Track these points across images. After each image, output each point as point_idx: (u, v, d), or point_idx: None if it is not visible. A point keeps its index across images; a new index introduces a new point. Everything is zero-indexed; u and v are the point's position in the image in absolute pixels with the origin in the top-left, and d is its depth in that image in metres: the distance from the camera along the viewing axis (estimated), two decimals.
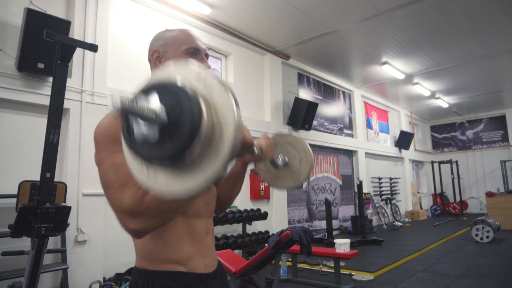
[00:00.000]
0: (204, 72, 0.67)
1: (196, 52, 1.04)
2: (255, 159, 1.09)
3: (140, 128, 0.62)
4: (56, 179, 2.54)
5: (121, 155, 0.82)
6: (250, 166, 1.18)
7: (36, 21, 3.24)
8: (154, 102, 0.61)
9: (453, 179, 12.25)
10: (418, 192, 12.63)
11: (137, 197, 0.77)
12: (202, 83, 0.66)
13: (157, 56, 1.04)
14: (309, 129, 7.21)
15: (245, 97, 6.29)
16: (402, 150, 11.66)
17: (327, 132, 8.36)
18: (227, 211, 5.17)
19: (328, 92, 8.70)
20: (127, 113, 0.61)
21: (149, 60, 1.08)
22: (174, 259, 0.92)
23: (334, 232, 7.42)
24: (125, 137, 0.65)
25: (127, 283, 3.49)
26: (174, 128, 0.59)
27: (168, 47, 1.04)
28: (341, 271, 4.17)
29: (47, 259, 3.40)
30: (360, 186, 7.40)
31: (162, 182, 0.65)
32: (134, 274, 0.96)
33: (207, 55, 1.08)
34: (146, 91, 0.63)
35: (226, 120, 0.63)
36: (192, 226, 0.96)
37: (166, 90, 0.62)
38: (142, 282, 0.91)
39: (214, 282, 0.99)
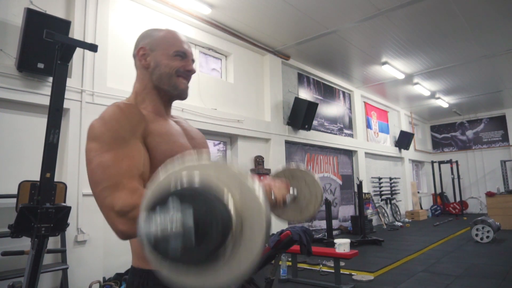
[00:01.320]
0: (240, 173, 0.62)
1: (183, 56, 1.05)
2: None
3: (166, 239, 0.58)
4: (56, 179, 2.53)
5: (109, 154, 0.83)
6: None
7: (36, 21, 3.24)
8: (181, 213, 0.57)
9: (453, 179, 12.25)
10: (418, 192, 12.63)
11: (132, 202, 0.78)
12: (236, 186, 0.61)
13: (143, 54, 1.05)
14: (309, 129, 7.21)
15: (245, 97, 6.29)
16: (402, 150, 11.65)
17: (327, 132, 8.36)
18: None
19: (328, 92, 8.70)
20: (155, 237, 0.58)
21: (134, 56, 1.09)
22: None
23: (334, 232, 7.42)
24: (150, 246, 0.60)
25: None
26: (202, 239, 0.56)
27: (156, 47, 1.04)
28: (341, 271, 4.17)
29: (47, 259, 3.40)
30: (360, 186, 7.40)
31: (195, 280, 0.61)
32: (130, 273, 0.96)
33: (193, 60, 1.09)
34: (177, 197, 0.58)
35: (254, 215, 0.60)
36: None
37: (196, 198, 0.58)
38: (137, 281, 0.92)
39: None
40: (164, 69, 1.03)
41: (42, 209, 2.22)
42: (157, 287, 0.89)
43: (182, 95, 1.08)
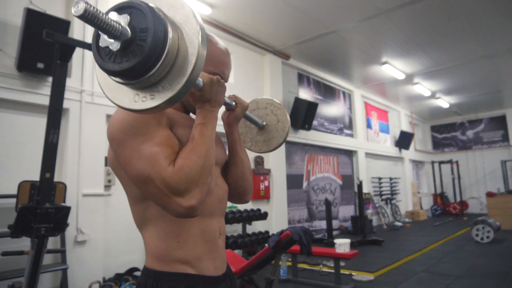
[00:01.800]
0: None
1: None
2: (235, 114, 1.11)
3: (106, 43, 0.65)
4: (55, 179, 2.53)
5: (146, 145, 0.81)
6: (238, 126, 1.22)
7: (35, 21, 3.24)
8: (122, 18, 0.65)
9: (453, 179, 12.24)
10: (418, 192, 12.62)
11: (176, 170, 0.77)
12: (171, 6, 0.70)
13: None
14: (309, 129, 7.21)
15: (245, 97, 6.22)
16: (402, 150, 11.65)
17: (327, 132, 8.36)
18: (227, 211, 5.17)
19: (328, 92, 8.70)
20: (89, 21, 0.61)
21: None
22: (184, 259, 0.89)
23: (334, 232, 7.41)
24: (93, 52, 0.68)
25: (127, 283, 3.49)
26: (138, 46, 0.63)
27: None
28: (341, 271, 4.17)
29: (47, 259, 3.39)
30: (360, 186, 7.40)
31: (141, 103, 0.69)
32: (143, 274, 0.93)
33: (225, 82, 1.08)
34: (117, 8, 0.67)
35: (191, 43, 0.68)
36: (206, 226, 0.94)
37: (134, 8, 0.66)
38: (150, 283, 0.89)
39: (224, 285, 0.97)
40: None
41: (41, 209, 2.22)
42: None
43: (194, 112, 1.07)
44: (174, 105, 1.00)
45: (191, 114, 1.09)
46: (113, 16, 0.65)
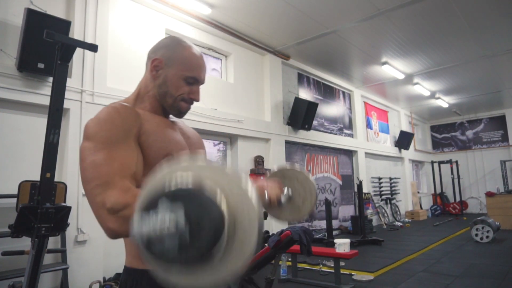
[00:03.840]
0: (233, 176, 0.64)
1: (194, 83, 1.05)
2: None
3: (160, 239, 0.58)
4: (56, 179, 2.54)
5: (102, 153, 0.84)
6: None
7: (36, 21, 3.24)
8: (174, 213, 0.58)
9: (453, 179, 12.25)
10: (418, 192, 12.63)
11: (124, 201, 0.78)
12: (229, 188, 0.62)
13: (156, 65, 1.03)
14: (309, 129, 7.21)
15: (245, 97, 6.29)
16: (402, 150, 11.65)
17: (327, 132, 8.36)
18: None
19: (328, 92, 8.70)
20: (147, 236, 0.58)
21: (148, 58, 1.06)
22: None
23: (334, 232, 7.42)
24: (144, 247, 0.61)
25: None
26: (195, 238, 0.57)
27: (172, 64, 1.02)
28: (341, 271, 4.17)
29: (47, 259, 3.40)
30: (360, 186, 7.40)
31: (189, 279, 0.62)
32: (124, 273, 0.96)
33: (202, 83, 1.09)
34: (169, 197, 0.59)
35: (247, 216, 0.61)
36: None
37: (189, 199, 0.59)
38: (131, 281, 0.92)
39: None
40: (170, 90, 1.02)
41: (42, 209, 2.22)
42: (150, 287, 0.89)
43: (179, 116, 1.09)
44: (152, 106, 1.04)
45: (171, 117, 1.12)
46: (166, 208, 0.58)
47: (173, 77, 1.02)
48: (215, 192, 0.60)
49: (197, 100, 1.08)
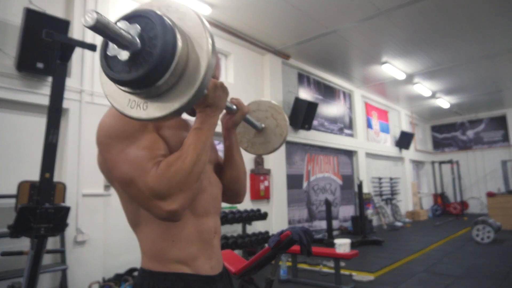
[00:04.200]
0: (182, 4, 0.71)
1: None
2: (234, 119, 1.11)
3: (115, 52, 0.64)
4: (55, 179, 2.53)
5: (131, 149, 0.82)
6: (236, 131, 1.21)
7: (35, 21, 3.24)
8: (131, 28, 0.64)
9: (453, 179, 12.24)
10: (419, 192, 12.62)
11: (159, 173, 0.77)
12: (179, 14, 0.69)
13: None
14: (309, 129, 7.20)
15: (245, 97, 6.24)
16: (403, 150, 11.64)
17: (327, 132, 8.35)
18: (226, 211, 5.17)
19: (328, 92, 8.69)
20: (100, 31, 0.60)
21: None
22: (180, 259, 0.89)
23: (334, 232, 7.41)
24: (101, 61, 0.67)
25: (127, 283, 3.49)
26: (147, 55, 0.62)
27: None
28: (341, 272, 4.17)
29: (47, 259, 3.39)
30: (360, 186, 7.39)
31: (145, 112, 0.69)
32: (140, 275, 0.93)
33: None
34: (126, 18, 0.66)
35: (201, 51, 0.67)
36: (201, 225, 0.94)
37: (144, 17, 0.65)
38: (147, 284, 0.89)
39: (220, 284, 0.97)
40: None
41: (41, 209, 2.22)
42: None
43: (192, 115, 1.06)
44: None
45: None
46: (123, 25, 0.64)
47: None
48: (174, 24, 0.66)
49: None
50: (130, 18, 0.66)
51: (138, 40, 0.63)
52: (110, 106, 0.92)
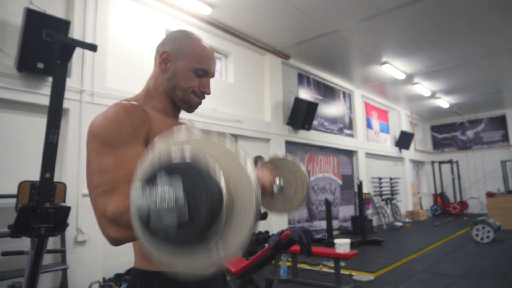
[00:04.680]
0: (224, 145, 0.62)
1: (204, 75, 1.02)
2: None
3: (158, 214, 0.57)
4: (55, 179, 2.53)
5: (109, 158, 0.82)
6: None
7: (35, 21, 3.24)
8: (173, 187, 0.56)
9: (453, 179, 12.24)
10: (419, 192, 12.62)
11: (123, 207, 0.76)
12: (227, 162, 0.61)
13: (164, 58, 1.00)
14: (309, 129, 7.21)
15: (245, 97, 6.29)
16: (403, 150, 11.65)
17: (327, 132, 8.36)
18: None
19: (328, 92, 8.70)
20: (146, 210, 0.57)
21: (156, 51, 1.03)
22: None
23: (334, 232, 7.41)
24: (142, 223, 0.59)
25: (127, 283, 3.49)
26: (194, 215, 0.55)
27: (181, 57, 0.99)
28: (341, 271, 4.17)
29: (47, 259, 3.39)
30: (360, 186, 7.39)
31: (187, 260, 0.60)
32: (133, 275, 0.94)
33: (213, 76, 1.06)
34: (168, 171, 0.58)
35: (245, 196, 0.59)
36: None
37: (188, 173, 0.57)
38: (140, 283, 0.89)
39: (214, 284, 0.97)
40: (180, 82, 1.00)
41: (41, 209, 2.22)
42: None
43: (190, 111, 1.06)
44: (162, 104, 1.02)
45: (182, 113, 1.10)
46: (164, 182, 0.56)
47: (183, 70, 0.99)
48: (213, 166, 0.58)
49: (208, 93, 1.05)
50: (171, 169, 0.57)
51: (186, 209, 0.55)
52: (111, 105, 0.91)
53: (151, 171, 0.59)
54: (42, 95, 3.54)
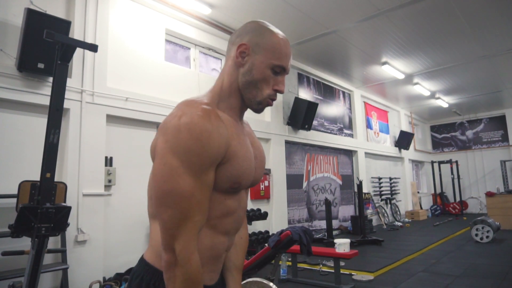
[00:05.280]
0: None
1: (281, 72, 0.95)
2: None
3: None
4: (56, 179, 2.54)
5: (185, 183, 0.79)
6: None
7: (36, 21, 3.24)
8: None
9: (453, 179, 12.25)
10: (418, 192, 12.63)
11: (187, 256, 0.79)
12: None
13: (242, 51, 0.93)
14: (309, 129, 7.21)
15: None
16: (402, 150, 11.66)
17: (327, 132, 8.36)
18: None
19: (328, 92, 8.70)
20: None
21: (230, 48, 0.97)
22: None
23: (334, 232, 7.42)
24: None
25: (127, 283, 3.49)
26: None
27: (260, 51, 0.92)
28: (341, 271, 4.18)
29: (47, 259, 3.40)
30: (360, 186, 7.40)
31: None
32: (142, 266, 0.91)
33: (287, 73, 1.00)
34: None
35: None
36: (217, 242, 0.92)
37: None
38: (149, 278, 0.88)
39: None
40: (256, 77, 0.93)
41: (42, 209, 2.23)
42: None
43: (259, 111, 1.00)
44: (233, 105, 0.96)
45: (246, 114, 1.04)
46: None
47: (261, 65, 0.92)
48: None
49: (282, 92, 0.97)
50: None
51: None
52: (187, 107, 0.84)
53: None
54: (42, 95, 3.54)
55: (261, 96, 0.95)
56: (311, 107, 6.97)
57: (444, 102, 11.13)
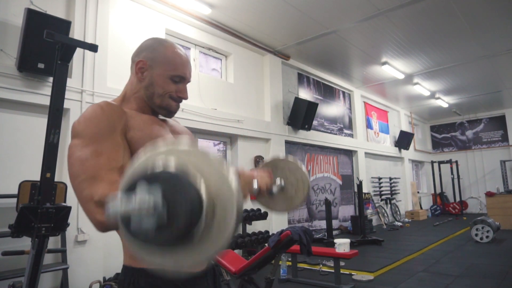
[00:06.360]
0: (202, 154, 0.65)
1: (180, 81, 1.04)
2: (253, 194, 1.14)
3: (138, 219, 0.59)
4: (56, 179, 2.54)
5: (88, 149, 0.86)
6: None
7: (36, 21, 3.24)
8: (152, 195, 0.58)
9: (453, 179, 12.25)
10: (418, 192, 12.63)
11: (111, 193, 0.76)
12: (209, 172, 0.63)
13: (141, 67, 1.03)
14: (309, 129, 7.21)
15: (245, 97, 6.29)
16: (402, 150, 11.66)
17: (327, 132, 8.36)
18: None
19: (328, 92, 8.71)
20: (124, 215, 0.60)
21: (132, 61, 1.06)
22: None
23: (334, 232, 7.42)
24: (122, 224, 0.62)
25: None
26: (173, 218, 0.57)
27: (156, 65, 1.02)
28: (341, 271, 4.18)
29: (47, 259, 3.40)
30: (360, 186, 7.40)
31: (168, 260, 0.64)
32: (122, 272, 0.96)
33: (189, 81, 1.08)
34: (148, 180, 0.60)
35: (226, 199, 0.62)
36: None
37: (167, 181, 0.59)
38: (128, 279, 0.92)
39: (202, 281, 0.98)
40: (158, 90, 1.02)
41: (42, 209, 2.23)
42: (148, 286, 0.89)
43: (169, 116, 1.09)
44: (139, 106, 1.04)
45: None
46: (144, 190, 0.59)
47: (159, 78, 1.02)
48: (194, 176, 0.61)
49: (186, 98, 1.07)
50: (151, 179, 0.60)
51: (165, 216, 0.57)
52: (93, 104, 0.97)
53: (133, 180, 0.62)
54: (42, 95, 3.54)
55: (166, 103, 1.04)
56: (311, 107, 6.97)
57: (444, 102, 11.14)
